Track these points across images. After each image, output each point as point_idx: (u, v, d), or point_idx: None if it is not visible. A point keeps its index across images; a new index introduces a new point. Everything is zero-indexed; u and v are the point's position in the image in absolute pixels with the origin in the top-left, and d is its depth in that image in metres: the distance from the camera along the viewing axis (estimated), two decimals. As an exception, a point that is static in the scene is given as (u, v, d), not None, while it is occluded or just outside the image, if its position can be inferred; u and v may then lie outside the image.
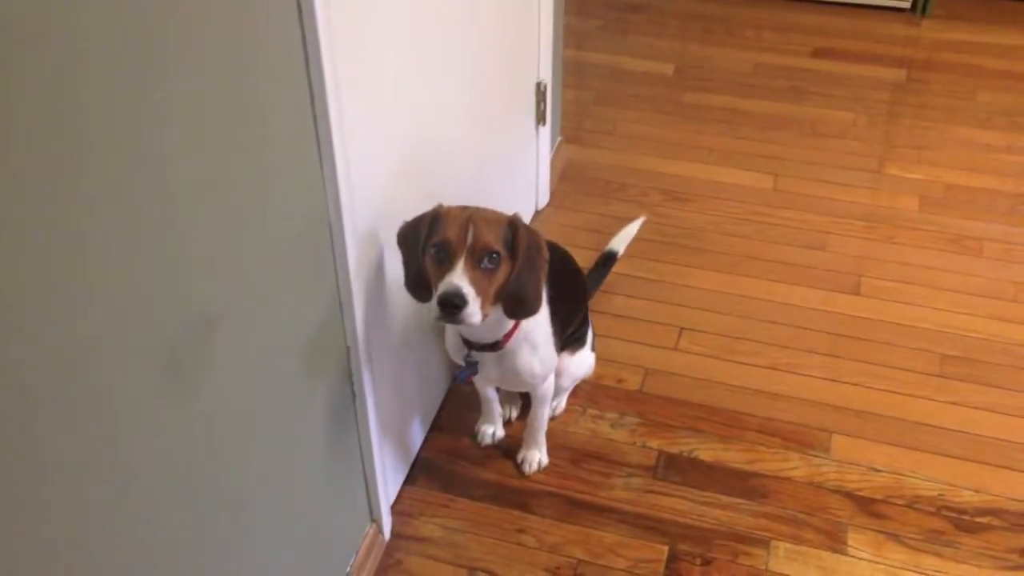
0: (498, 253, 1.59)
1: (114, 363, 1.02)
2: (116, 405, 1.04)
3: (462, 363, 1.85)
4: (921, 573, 1.92)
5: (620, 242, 2.60)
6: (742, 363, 2.39)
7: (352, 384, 1.68)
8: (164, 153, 1.04)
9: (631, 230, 2.63)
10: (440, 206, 1.65)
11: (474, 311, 1.56)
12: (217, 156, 1.14)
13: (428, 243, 1.62)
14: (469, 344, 1.81)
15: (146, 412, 1.10)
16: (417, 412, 2.13)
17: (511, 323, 1.76)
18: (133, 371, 1.06)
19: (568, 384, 2.19)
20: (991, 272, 2.69)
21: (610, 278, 2.59)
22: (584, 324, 2.16)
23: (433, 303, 1.58)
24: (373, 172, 1.61)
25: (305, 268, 1.44)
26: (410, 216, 1.68)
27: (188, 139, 1.08)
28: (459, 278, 1.56)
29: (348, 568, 1.82)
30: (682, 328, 2.50)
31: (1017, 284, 2.64)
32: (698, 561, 1.94)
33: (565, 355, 2.10)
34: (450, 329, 1.88)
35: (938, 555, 1.95)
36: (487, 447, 2.18)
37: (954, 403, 2.27)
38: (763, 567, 1.93)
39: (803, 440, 2.19)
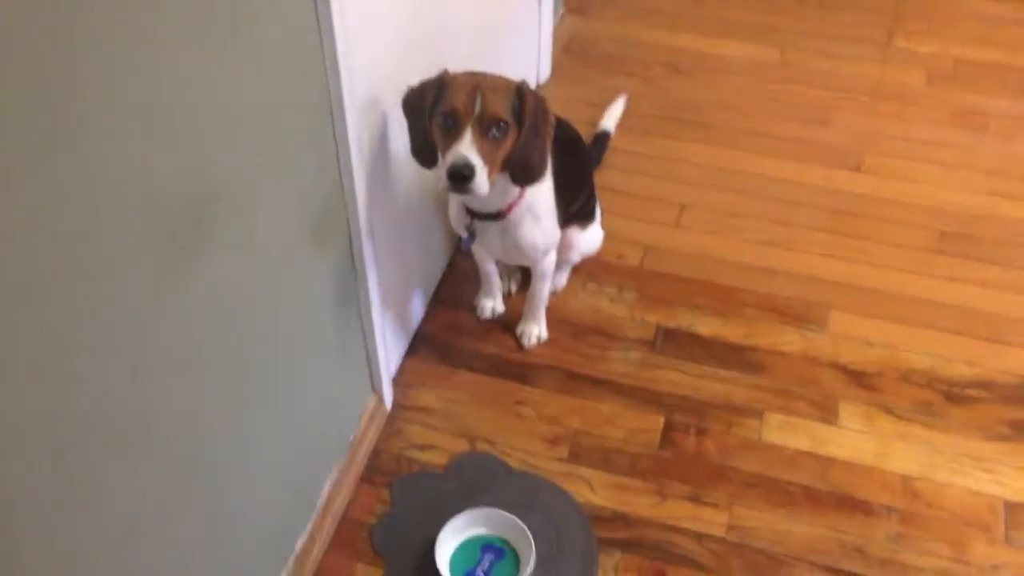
0: (506, 122, 1.59)
1: (115, 237, 1.03)
2: (120, 278, 1.06)
3: (464, 235, 1.86)
4: (909, 443, 1.98)
5: (609, 121, 2.59)
6: (742, 239, 2.41)
7: (353, 256, 1.69)
8: (163, 27, 1.03)
9: (617, 108, 2.62)
10: (446, 72, 1.63)
11: (482, 181, 1.57)
12: (215, 27, 1.13)
13: (435, 110, 1.61)
14: (472, 214, 1.82)
15: (149, 284, 1.11)
16: (418, 285, 2.15)
17: (516, 191, 1.76)
18: (135, 244, 1.07)
19: (576, 259, 2.21)
20: (995, 148, 2.68)
21: (611, 154, 2.58)
22: (592, 199, 2.17)
23: (442, 174, 1.58)
24: (373, 42, 1.59)
25: (304, 139, 1.43)
26: (413, 84, 1.66)
27: (186, 11, 1.07)
28: (467, 148, 1.55)
29: (351, 437, 1.87)
30: (683, 205, 2.50)
31: (1021, 160, 2.63)
32: (693, 431, 2.00)
33: (575, 230, 2.12)
34: (453, 199, 1.88)
35: (927, 426, 2.01)
36: (487, 321, 2.21)
37: (951, 279, 2.29)
38: (756, 437, 1.99)
39: (800, 315, 2.22)
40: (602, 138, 2.55)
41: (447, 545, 1.77)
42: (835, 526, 1.84)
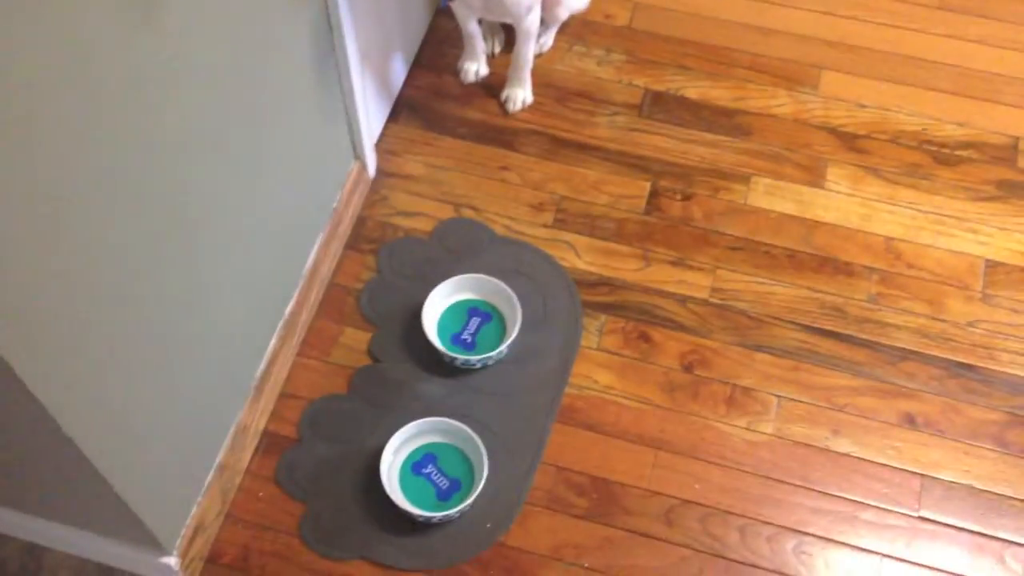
0: None
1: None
2: (84, 29, 1.00)
3: (445, -12, 1.77)
4: (895, 205, 1.98)
5: None
6: (735, -4, 2.31)
7: (328, 14, 1.61)
8: None
9: None
10: None
11: None
12: None
13: None
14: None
15: (112, 35, 1.06)
16: (398, 46, 2.07)
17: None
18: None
19: (564, 15, 2.13)
20: None
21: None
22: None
23: None
24: None
25: None
26: None
27: None
28: None
29: (335, 204, 1.86)
30: (674, -42, 2.38)
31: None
32: (679, 196, 1.99)
33: (563, -17, 2.02)
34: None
35: (914, 187, 2.00)
36: (470, 85, 2.15)
37: (949, 36, 2.22)
38: (742, 201, 1.99)
39: (792, 76, 2.17)
40: None
41: (434, 309, 1.80)
42: (816, 287, 1.88)
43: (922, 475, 1.69)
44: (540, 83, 2.14)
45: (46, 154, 0.99)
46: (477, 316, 1.81)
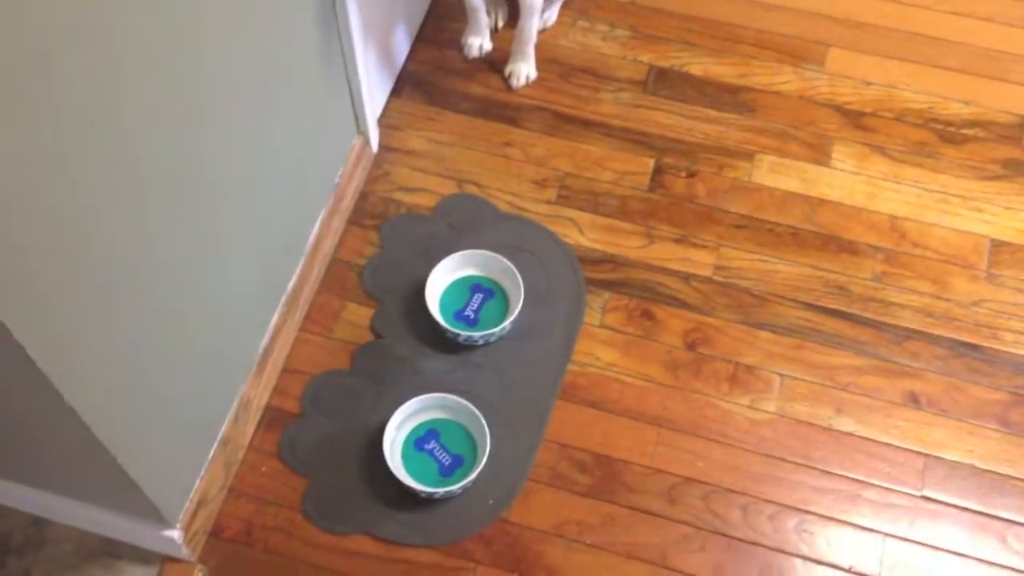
0: None
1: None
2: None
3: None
4: (900, 183, 1.98)
5: None
6: (741, -28, 2.29)
7: (331, -13, 1.61)
8: None
9: None
10: None
11: None
12: None
13: None
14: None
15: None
16: (401, 20, 2.06)
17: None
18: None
19: (567, -11, 2.12)
20: None
21: None
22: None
23: None
24: None
25: None
26: None
27: None
28: None
29: (337, 178, 1.85)
30: (680, -67, 2.36)
31: None
32: (683, 173, 1.98)
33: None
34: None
35: (919, 166, 2.00)
36: (474, 60, 2.14)
37: (956, 13, 2.21)
38: (746, 179, 1.98)
39: (798, 53, 2.15)
40: None
41: (437, 285, 1.80)
42: (820, 265, 1.87)
43: (925, 455, 1.70)
44: (544, 58, 2.13)
45: (43, 122, 0.98)
46: (480, 292, 1.81)
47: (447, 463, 1.65)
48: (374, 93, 1.94)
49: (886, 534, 1.63)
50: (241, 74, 1.37)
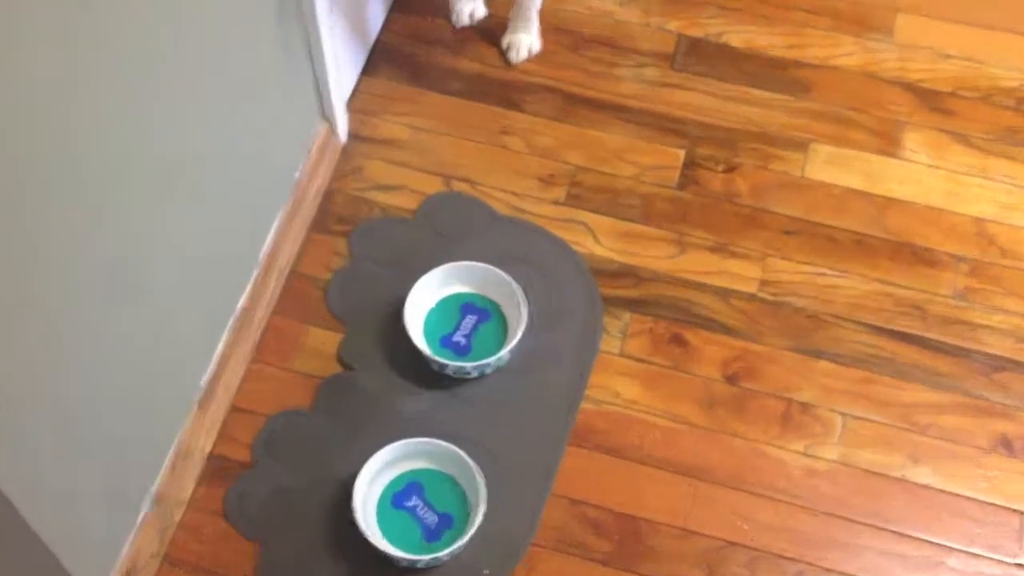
0: None
1: None
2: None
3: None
4: (986, 178, 1.98)
5: None
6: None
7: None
8: None
9: None
10: None
11: None
12: None
13: None
14: None
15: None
16: (374, -16, 2.07)
17: None
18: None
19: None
20: None
21: None
22: None
23: None
24: None
25: None
26: None
27: None
28: None
29: (296, 174, 1.85)
30: None
31: None
32: (721, 167, 1.99)
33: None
34: None
35: (1011, 157, 2.00)
36: (464, 29, 2.14)
37: (1053, -28, 2.22)
38: (798, 173, 1.98)
39: (860, 20, 2.16)
40: None
41: (420, 305, 1.79)
42: (889, 280, 1.88)
43: (1021, 512, 1.68)
44: (550, 27, 2.13)
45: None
46: (472, 314, 1.81)
47: (432, 524, 1.64)
48: (342, 70, 1.94)
49: (974, 611, 1.63)
50: (169, 41, 1.36)
